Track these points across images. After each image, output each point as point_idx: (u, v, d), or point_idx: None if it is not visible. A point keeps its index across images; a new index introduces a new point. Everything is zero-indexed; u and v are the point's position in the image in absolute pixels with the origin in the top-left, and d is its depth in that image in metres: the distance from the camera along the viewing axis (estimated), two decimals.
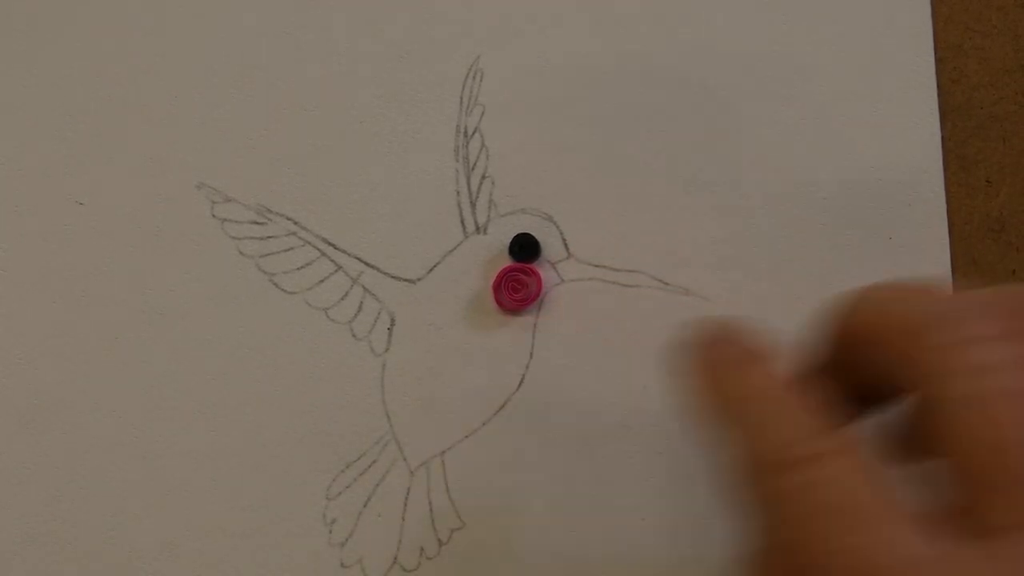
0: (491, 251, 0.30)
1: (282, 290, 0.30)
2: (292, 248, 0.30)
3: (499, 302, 0.29)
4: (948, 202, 0.30)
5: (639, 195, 0.30)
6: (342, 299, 0.30)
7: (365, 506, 0.29)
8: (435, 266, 0.30)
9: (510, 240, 0.30)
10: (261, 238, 0.30)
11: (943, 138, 0.30)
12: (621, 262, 0.30)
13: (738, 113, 0.30)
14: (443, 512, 0.29)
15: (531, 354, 0.29)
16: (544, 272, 0.30)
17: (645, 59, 0.30)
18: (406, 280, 0.30)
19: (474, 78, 0.31)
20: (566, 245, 0.30)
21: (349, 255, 0.30)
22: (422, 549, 0.29)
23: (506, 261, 0.30)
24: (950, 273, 0.30)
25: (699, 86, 0.30)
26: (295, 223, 0.30)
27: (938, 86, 0.31)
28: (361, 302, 0.30)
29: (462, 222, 0.30)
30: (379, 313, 0.30)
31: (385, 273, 0.30)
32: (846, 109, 0.30)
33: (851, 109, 0.30)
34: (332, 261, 0.30)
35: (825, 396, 0.19)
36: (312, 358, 0.29)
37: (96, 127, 0.30)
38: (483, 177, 0.30)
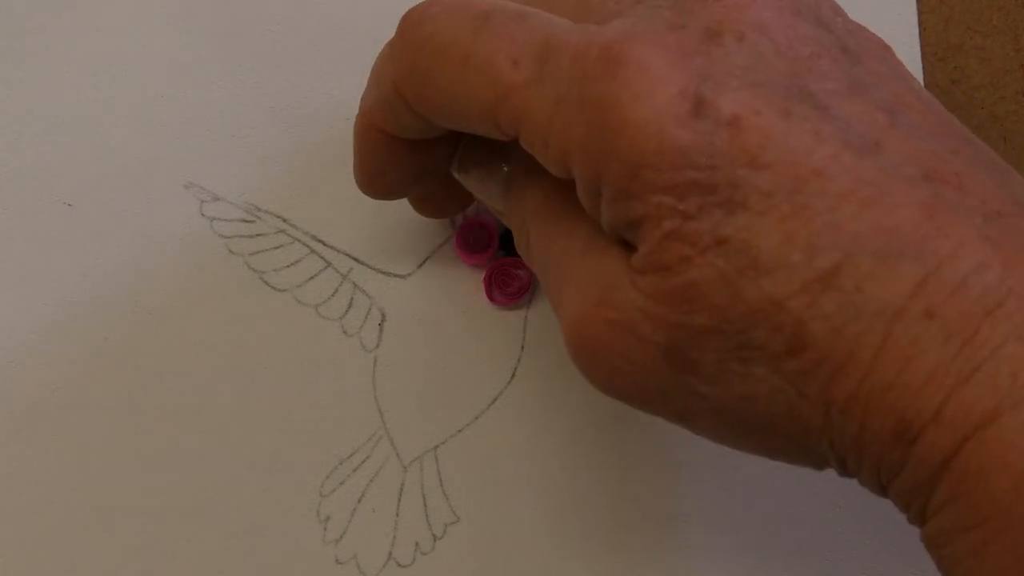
0: None
1: (272, 287, 0.30)
2: (281, 245, 0.30)
3: (490, 296, 0.29)
4: None
5: None
6: (332, 295, 0.30)
7: (359, 502, 0.29)
8: (425, 261, 0.30)
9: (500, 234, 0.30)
10: (250, 236, 0.30)
11: None
12: None
13: None
14: (437, 506, 0.29)
15: (522, 347, 0.30)
16: None
17: None
18: (396, 275, 0.30)
19: None
20: None
21: (338, 251, 0.30)
22: (417, 544, 0.29)
23: (497, 254, 0.30)
24: None
25: None
26: (284, 220, 0.30)
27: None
28: (351, 298, 0.30)
29: (451, 217, 0.30)
30: (369, 309, 0.30)
31: (375, 269, 0.30)
32: None
33: None
34: (321, 258, 0.30)
35: None
36: (303, 355, 0.29)
37: (83, 127, 0.30)
38: None
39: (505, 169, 0.24)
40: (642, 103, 0.18)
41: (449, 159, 0.25)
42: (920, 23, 0.31)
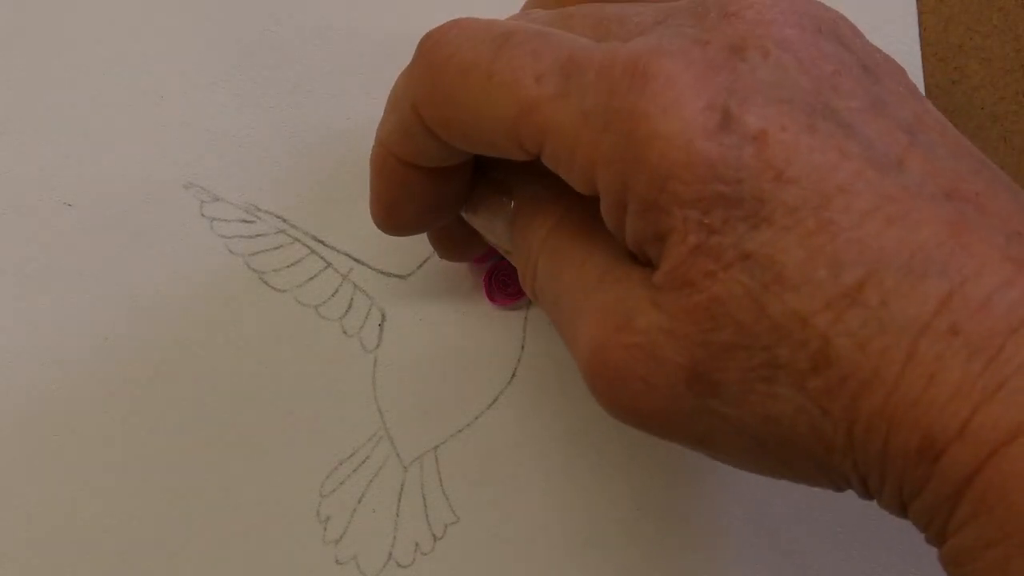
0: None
1: (272, 287, 0.30)
2: (281, 246, 0.30)
3: (490, 296, 0.29)
4: None
5: None
6: (332, 296, 0.30)
7: (359, 502, 0.29)
8: (425, 261, 0.30)
9: None
10: (250, 236, 0.30)
11: None
12: None
13: None
14: (437, 507, 0.29)
15: (523, 347, 0.30)
16: None
17: None
18: (396, 276, 0.30)
19: None
20: None
21: (339, 252, 0.30)
22: (417, 544, 0.29)
23: (496, 255, 0.30)
24: None
25: None
26: (284, 220, 0.30)
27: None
28: (351, 298, 0.30)
29: None
30: (370, 309, 0.30)
31: (375, 269, 0.30)
32: None
33: None
34: (321, 258, 0.30)
35: None
36: (302, 355, 0.29)
37: (83, 128, 0.30)
38: None
39: (510, 205, 0.24)
40: (670, 116, 0.18)
41: (466, 192, 0.25)
42: (920, 23, 0.31)
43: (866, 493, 0.19)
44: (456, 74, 0.21)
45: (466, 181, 0.24)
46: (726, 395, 0.19)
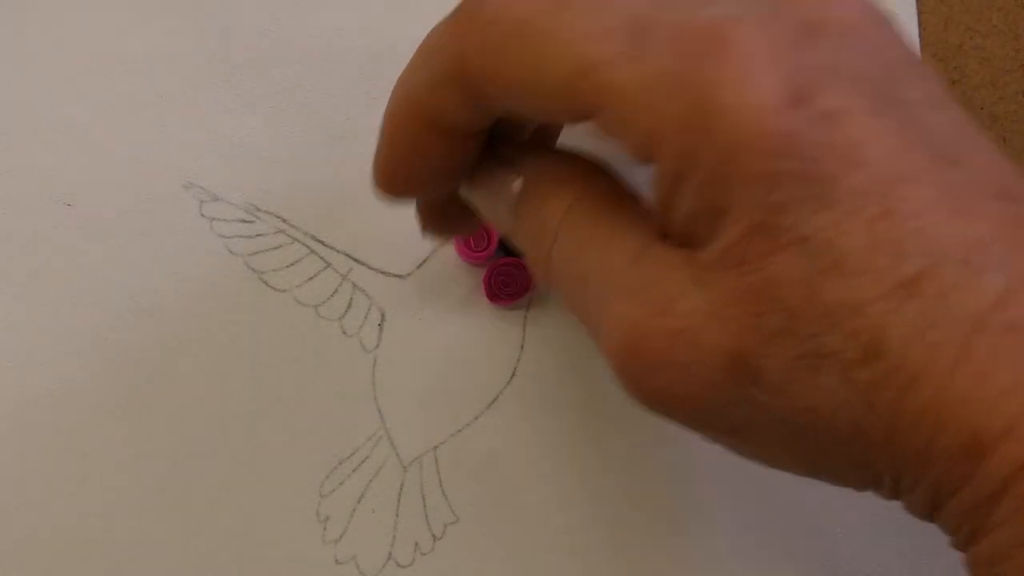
0: None
1: (272, 287, 0.30)
2: (281, 246, 0.30)
3: (489, 296, 0.29)
4: None
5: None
6: (332, 295, 0.30)
7: (359, 502, 0.29)
8: (425, 261, 0.30)
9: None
10: (250, 236, 0.30)
11: None
12: None
13: None
14: (437, 507, 0.29)
15: (522, 347, 0.29)
16: None
17: None
18: (396, 276, 0.30)
19: None
20: None
21: (338, 251, 0.30)
22: (416, 544, 0.29)
23: (496, 255, 0.30)
24: None
25: None
26: (283, 220, 0.30)
27: None
28: (351, 298, 0.30)
29: None
30: (369, 309, 0.30)
31: (375, 269, 0.30)
32: None
33: None
34: (321, 258, 0.30)
35: None
36: (302, 355, 0.29)
37: (83, 128, 0.30)
38: None
39: (516, 182, 0.23)
40: (746, 87, 0.18)
41: (473, 164, 0.24)
42: (920, 23, 0.31)
43: (894, 492, 0.19)
44: (512, 28, 0.20)
45: (478, 151, 0.23)
46: (767, 383, 0.18)
